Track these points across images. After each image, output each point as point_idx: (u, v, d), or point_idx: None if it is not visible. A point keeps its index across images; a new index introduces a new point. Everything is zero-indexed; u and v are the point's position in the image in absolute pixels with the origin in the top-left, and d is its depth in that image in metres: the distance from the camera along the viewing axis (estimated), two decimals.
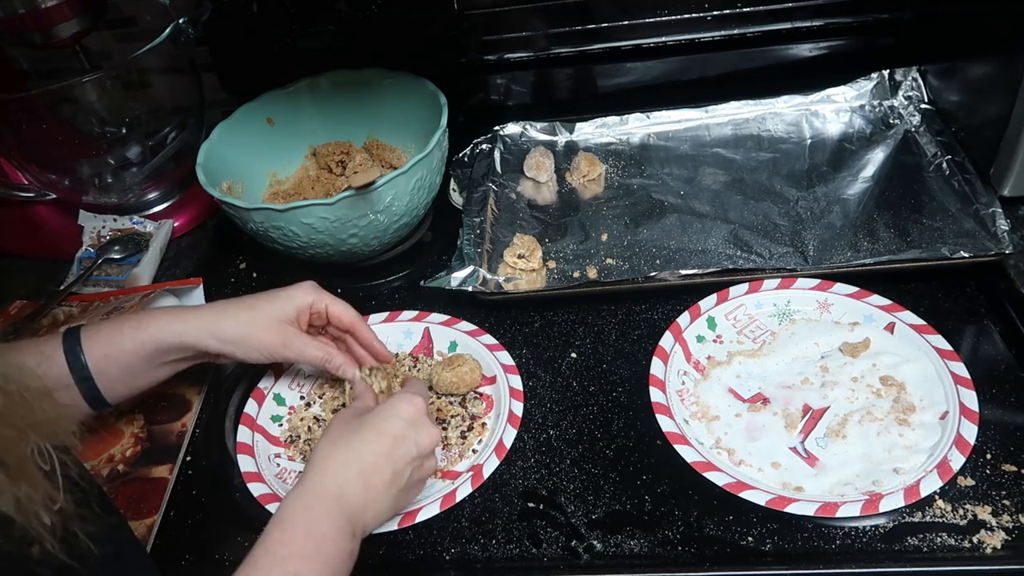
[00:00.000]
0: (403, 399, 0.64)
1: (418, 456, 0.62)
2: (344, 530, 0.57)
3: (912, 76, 0.98)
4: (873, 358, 0.74)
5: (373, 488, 0.59)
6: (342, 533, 0.57)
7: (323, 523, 0.56)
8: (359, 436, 0.61)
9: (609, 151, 1.02)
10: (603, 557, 0.64)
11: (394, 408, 0.63)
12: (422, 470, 0.64)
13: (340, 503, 0.58)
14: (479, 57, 1.07)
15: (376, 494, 0.59)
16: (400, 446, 0.61)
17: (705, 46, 1.04)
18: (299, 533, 0.55)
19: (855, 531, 0.62)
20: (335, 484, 0.58)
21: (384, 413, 0.63)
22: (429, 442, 0.63)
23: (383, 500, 0.60)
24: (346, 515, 0.57)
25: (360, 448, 0.60)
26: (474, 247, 0.88)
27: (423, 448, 0.63)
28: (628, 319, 0.82)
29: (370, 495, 0.59)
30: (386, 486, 0.60)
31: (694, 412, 0.72)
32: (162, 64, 0.98)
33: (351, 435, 0.61)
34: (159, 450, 0.77)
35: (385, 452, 0.60)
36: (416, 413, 0.63)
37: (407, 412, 0.63)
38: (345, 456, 0.60)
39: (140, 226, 1.00)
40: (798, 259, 0.82)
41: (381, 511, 0.61)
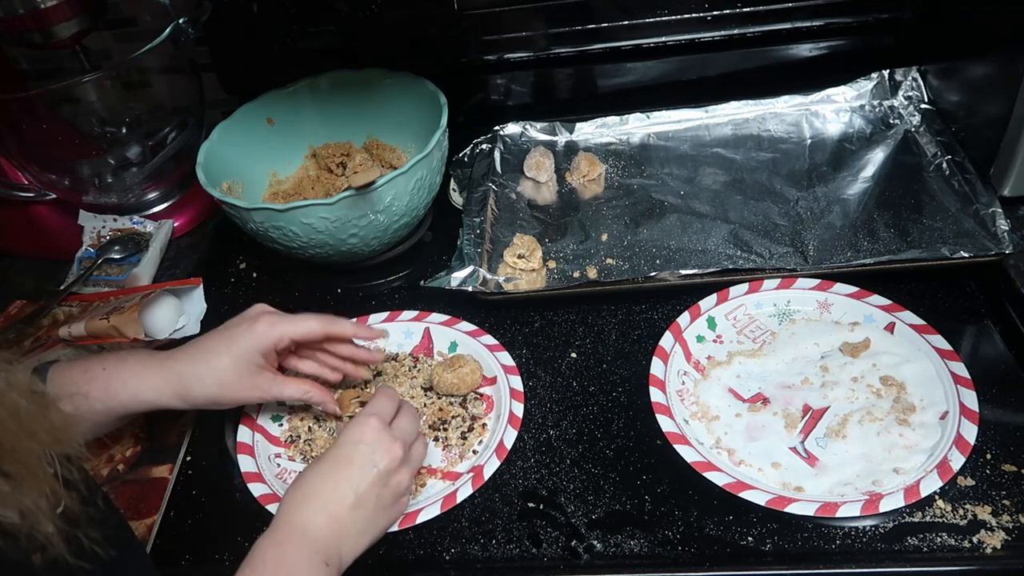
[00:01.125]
0: (356, 423, 0.64)
1: (381, 475, 0.62)
2: (314, 560, 0.57)
3: (912, 76, 0.98)
4: (873, 358, 0.74)
5: (338, 516, 0.60)
6: (312, 563, 0.57)
7: (292, 555, 0.57)
8: (318, 470, 0.62)
9: (609, 151, 1.02)
10: (603, 557, 0.64)
11: (348, 435, 0.64)
12: (391, 487, 0.63)
13: (306, 537, 0.58)
14: (479, 57, 1.07)
15: (343, 521, 0.60)
16: (357, 469, 0.62)
17: (705, 46, 1.04)
18: (268, 567, 0.57)
19: (855, 531, 0.62)
20: (299, 519, 0.59)
21: (339, 442, 0.64)
22: (389, 459, 0.62)
23: (353, 524, 0.61)
24: (315, 547, 0.58)
25: (318, 482, 0.61)
26: (474, 247, 0.88)
27: (383, 466, 0.62)
28: (628, 319, 0.82)
29: (337, 524, 0.60)
30: (351, 511, 0.60)
31: (694, 412, 0.72)
32: (162, 64, 0.98)
33: (312, 470, 0.62)
34: (159, 450, 0.77)
35: (343, 478, 0.61)
36: (371, 433, 0.63)
37: (360, 434, 0.63)
38: (304, 492, 0.61)
39: (140, 226, 1.00)
40: (798, 259, 0.82)
41: (354, 535, 0.61)
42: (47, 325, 0.89)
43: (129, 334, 0.79)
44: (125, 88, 0.99)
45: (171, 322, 0.86)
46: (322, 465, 0.62)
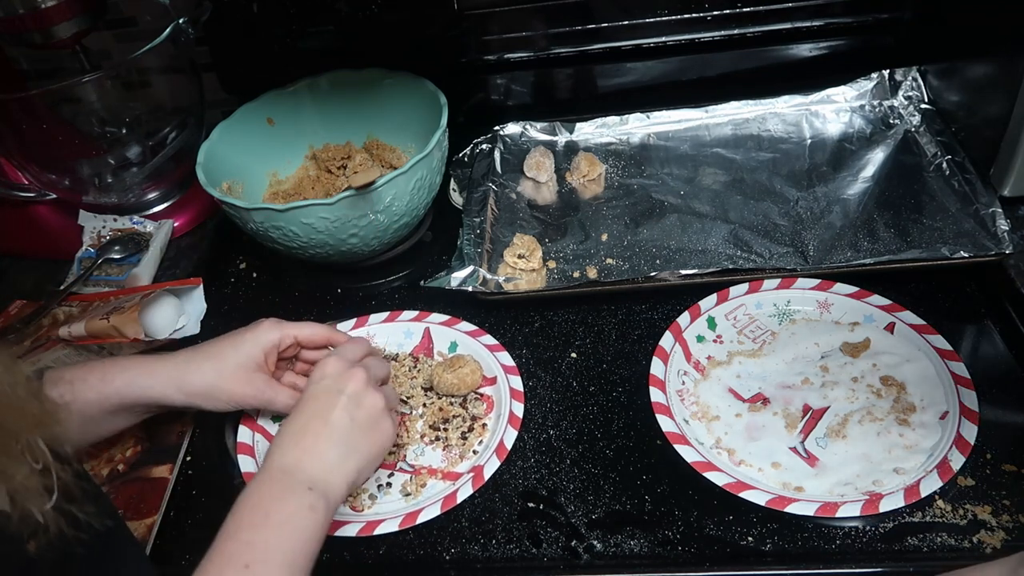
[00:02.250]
0: (320, 364, 0.66)
1: (349, 398, 0.63)
2: (295, 489, 0.58)
3: (912, 76, 0.98)
4: (873, 358, 0.74)
5: (311, 446, 0.61)
6: (291, 491, 0.58)
7: (266, 494, 0.58)
8: (288, 420, 0.63)
9: (609, 151, 1.02)
10: (603, 557, 0.64)
11: (311, 378, 0.65)
12: (364, 408, 0.64)
13: (282, 471, 0.59)
14: (479, 57, 1.07)
15: (318, 449, 0.61)
16: (324, 400, 0.63)
17: (705, 46, 1.04)
18: (246, 508, 0.57)
19: (855, 531, 0.62)
20: (275, 461, 0.60)
21: (307, 385, 0.65)
22: (353, 384, 0.64)
23: (330, 449, 0.61)
24: (294, 478, 0.59)
25: (289, 427, 0.62)
26: (474, 247, 0.88)
27: (349, 390, 0.63)
28: (628, 319, 0.82)
29: (311, 453, 0.60)
30: (325, 439, 0.61)
31: (694, 412, 0.72)
32: (162, 64, 0.98)
33: (284, 422, 0.64)
34: (159, 450, 0.77)
35: (311, 413, 0.63)
36: (331, 368, 0.65)
37: (321, 373, 0.65)
38: (278, 441, 0.62)
39: (140, 226, 1.00)
40: (798, 259, 0.82)
41: (336, 460, 0.61)
42: (47, 325, 0.89)
43: (129, 334, 0.79)
44: (125, 88, 0.99)
45: (171, 322, 0.85)
46: (292, 414, 0.64)
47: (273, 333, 0.71)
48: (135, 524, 0.71)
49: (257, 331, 0.71)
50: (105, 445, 0.77)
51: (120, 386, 0.68)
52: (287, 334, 0.72)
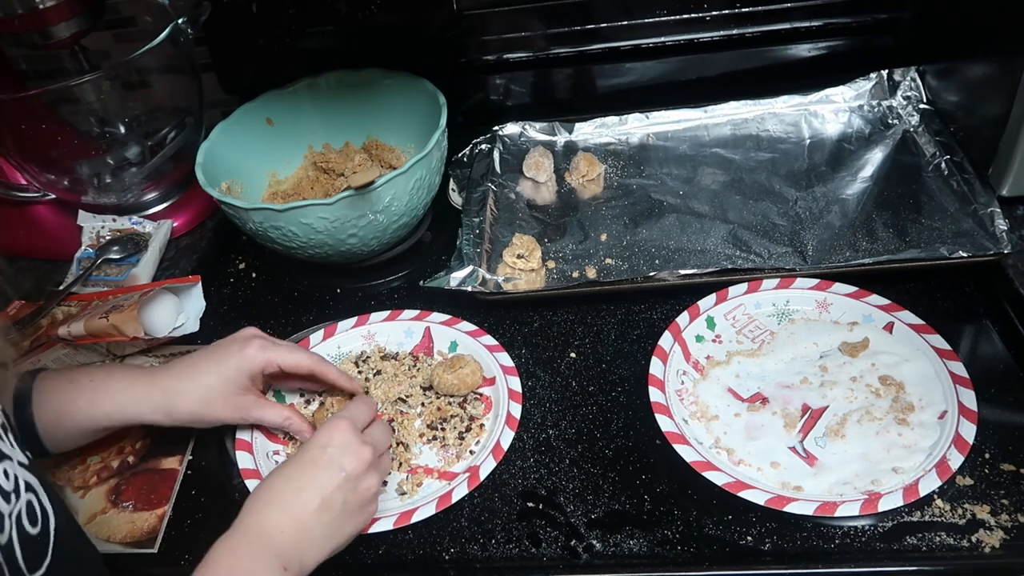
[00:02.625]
0: (326, 427, 0.63)
1: (348, 479, 0.60)
2: (270, 565, 0.56)
3: (911, 76, 0.98)
4: (872, 358, 0.74)
5: (301, 520, 0.58)
6: (268, 568, 0.56)
7: (245, 560, 0.56)
8: (283, 473, 0.61)
9: (608, 151, 1.02)
10: (602, 557, 0.64)
11: (316, 438, 0.62)
12: (358, 492, 0.61)
13: (265, 540, 0.57)
14: (478, 57, 1.07)
15: (306, 525, 0.58)
16: (323, 472, 0.60)
17: (704, 46, 1.04)
18: (221, 571, 0.55)
19: (854, 530, 0.62)
20: (258, 522, 0.58)
21: (306, 445, 0.62)
22: (357, 464, 0.61)
23: (317, 528, 0.59)
24: (273, 552, 0.56)
25: (282, 484, 0.60)
26: (473, 247, 0.88)
27: (351, 470, 0.61)
28: (627, 319, 0.82)
29: (299, 528, 0.58)
30: (316, 514, 0.59)
31: (693, 412, 0.73)
32: (161, 64, 0.98)
33: (277, 473, 0.61)
34: (169, 441, 0.78)
35: (309, 481, 0.60)
36: (341, 437, 0.62)
37: (329, 438, 0.62)
38: (268, 496, 0.59)
39: (139, 226, 1.00)
40: (797, 259, 0.82)
41: (317, 539, 0.59)
42: (46, 325, 0.89)
43: (128, 332, 0.79)
44: (124, 88, 0.99)
45: (170, 320, 0.86)
46: (288, 468, 0.61)
47: (257, 359, 0.70)
48: (146, 515, 0.72)
49: (242, 355, 0.70)
50: (115, 437, 0.78)
51: (110, 410, 0.69)
52: (271, 361, 0.71)
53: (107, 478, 0.76)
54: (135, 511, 0.72)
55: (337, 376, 0.74)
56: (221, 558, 0.56)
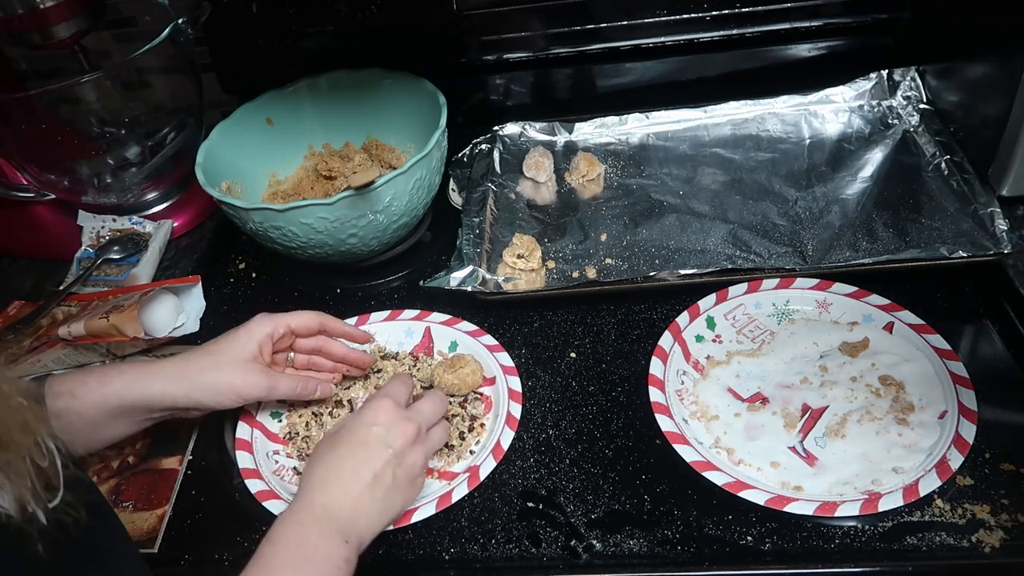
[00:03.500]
0: (370, 406, 0.66)
1: (395, 455, 0.63)
2: (334, 539, 0.59)
3: (911, 76, 0.98)
4: (872, 358, 0.74)
5: (357, 495, 0.61)
6: (332, 542, 0.58)
7: (312, 534, 0.58)
8: (335, 452, 0.63)
9: (608, 151, 1.02)
10: (602, 557, 0.64)
11: (362, 417, 0.65)
12: (405, 467, 0.64)
13: (328, 516, 0.60)
14: (478, 57, 1.07)
15: (362, 500, 0.61)
16: (373, 450, 0.63)
17: (704, 46, 1.04)
18: (289, 544, 0.58)
19: (854, 530, 0.62)
20: (320, 500, 0.61)
21: (353, 424, 0.65)
22: (402, 440, 0.64)
23: (371, 504, 0.62)
24: (335, 526, 0.59)
25: (337, 463, 0.62)
26: (473, 247, 0.88)
27: (398, 446, 0.64)
28: (627, 319, 0.82)
29: (357, 503, 0.61)
30: (369, 490, 0.62)
31: (693, 412, 0.73)
32: (161, 64, 0.98)
33: (329, 452, 0.63)
34: (169, 441, 0.78)
35: (361, 459, 0.62)
36: (385, 415, 0.65)
37: (374, 417, 0.65)
38: (325, 474, 0.62)
39: (139, 226, 1.00)
40: (797, 259, 0.82)
41: (373, 515, 0.62)
42: (47, 325, 0.89)
43: (129, 332, 0.79)
44: (124, 88, 0.99)
45: (170, 320, 0.86)
46: (339, 448, 0.63)
47: (266, 324, 0.72)
48: (146, 515, 0.72)
49: (249, 326, 0.73)
50: None
51: (119, 387, 0.68)
52: (280, 323, 0.73)
53: (107, 478, 0.76)
54: (135, 511, 0.72)
55: (346, 328, 0.77)
56: (289, 533, 0.58)
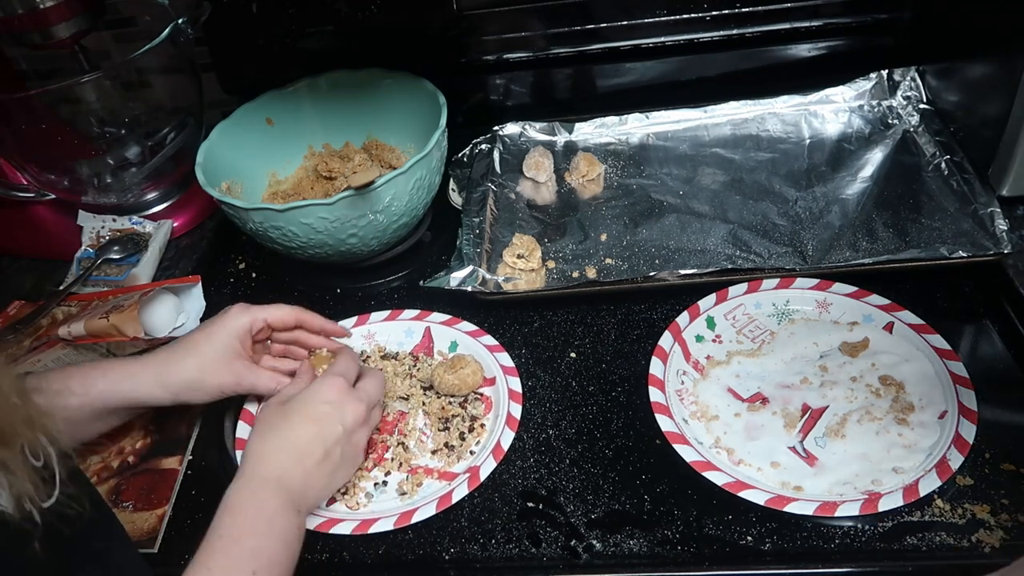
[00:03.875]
0: (323, 382, 0.67)
1: (345, 433, 0.65)
2: (289, 508, 0.60)
3: (911, 76, 0.98)
4: (872, 357, 0.74)
5: (308, 469, 0.63)
6: (287, 510, 0.60)
7: (270, 503, 0.60)
8: (288, 423, 0.64)
9: (608, 151, 1.02)
10: (602, 557, 0.64)
11: (317, 392, 0.66)
12: (351, 445, 0.66)
13: (281, 485, 0.61)
14: (478, 57, 1.07)
15: (312, 474, 0.63)
16: (326, 427, 0.65)
17: (704, 46, 1.04)
18: (249, 514, 0.58)
19: (854, 530, 0.62)
20: (274, 469, 0.62)
21: (308, 398, 0.66)
22: (353, 419, 0.66)
23: (319, 478, 0.64)
24: (289, 496, 0.61)
25: (290, 435, 0.64)
26: (473, 247, 0.88)
27: (348, 424, 0.66)
28: (627, 319, 0.82)
29: (308, 476, 0.63)
30: (319, 465, 0.64)
31: (693, 412, 0.73)
32: (161, 64, 0.98)
33: (281, 423, 0.65)
34: (168, 442, 0.78)
35: (314, 435, 0.64)
36: (338, 393, 0.66)
37: (329, 394, 0.66)
38: (279, 443, 0.63)
39: (139, 226, 1.00)
40: (797, 259, 0.82)
41: (320, 488, 0.64)
42: (46, 325, 0.89)
43: (129, 332, 0.79)
44: (124, 88, 0.99)
45: (170, 320, 0.86)
46: (291, 419, 0.65)
47: (243, 318, 0.73)
48: (146, 515, 0.72)
49: (227, 319, 0.72)
50: (115, 436, 0.78)
51: (102, 390, 0.69)
52: (257, 317, 0.73)
53: (107, 478, 0.76)
54: (135, 511, 0.72)
55: (323, 322, 0.77)
56: (247, 503, 0.59)
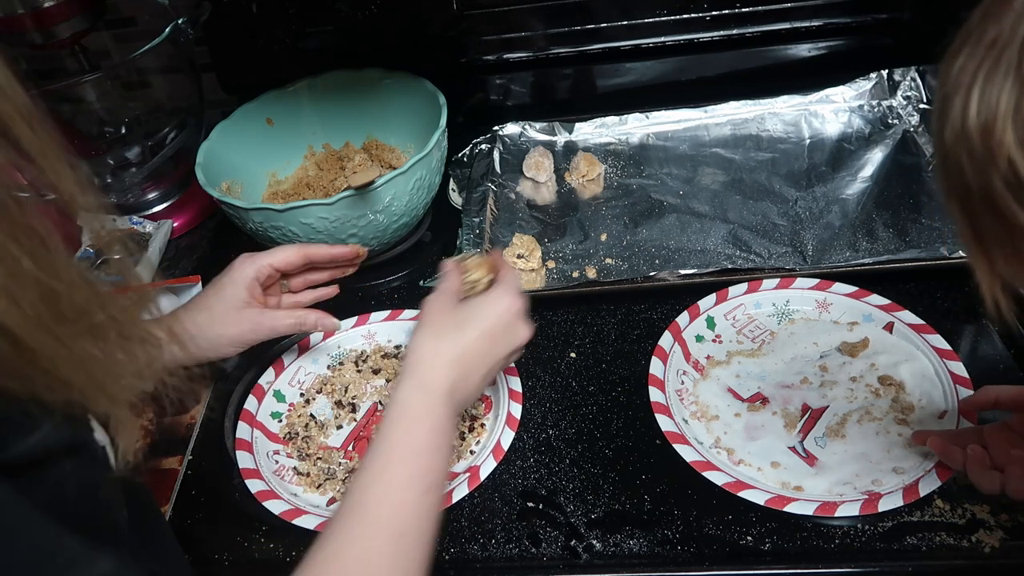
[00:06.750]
0: (504, 299, 0.64)
1: (510, 355, 0.64)
2: (455, 421, 0.59)
3: (911, 76, 0.98)
4: (872, 357, 0.74)
5: (473, 384, 0.61)
6: (454, 424, 0.59)
7: (444, 420, 0.58)
8: (462, 333, 0.61)
9: (608, 151, 1.02)
10: (602, 556, 0.64)
11: (496, 307, 0.63)
12: (508, 360, 0.65)
13: (452, 398, 0.59)
14: (479, 57, 1.07)
15: (472, 389, 0.62)
16: (499, 346, 0.63)
17: (704, 46, 1.04)
18: (424, 429, 0.56)
19: (854, 530, 0.62)
20: (446, 381, 0.59)
21: (487, 313, 0.63)
22: (520, 343, 0.64)
23: (474, 394, 0.62)
24: (456, 410, 0.60)
25: (466, 346, 0.61)
26: (473, 247, 0.88)
27: (514, 347, 0.64)
28: (627, 319, 0.82)
29: (470, 391, 0.61)
30: (482, 381, 0.62)
31: (693, 412, 0.73)
32: (161, 64, 0.98)
33: (455, 330, 0.61)
34: (168, 442, 0.78)
35: (486, 350, 0.62)
36: (515, 315, 0.64)
37: (508, 313, 0.63)
38: (454, 354, 0.60)
39: (139, 226, 1.00)
40: (797, 259, 0.82)
41: (472, 399, 0.63)
42: None
43: None
44: (124, 88, 0.99)
45: None
46: (466, 330, 0.61)
47: (247, 269, 0.72)
48: None
49: (232, 272, 0.73)
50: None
51: None
52: (262, 264, 0.73)
53: None
54: None
55: (332, 251, 0.77)
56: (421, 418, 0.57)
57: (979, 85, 0.38)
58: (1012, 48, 0.36)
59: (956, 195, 0.41)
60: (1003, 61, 0.37)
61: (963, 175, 0.39)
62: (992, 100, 0.37)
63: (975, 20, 0.40)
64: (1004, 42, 0.37)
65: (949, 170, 0.41)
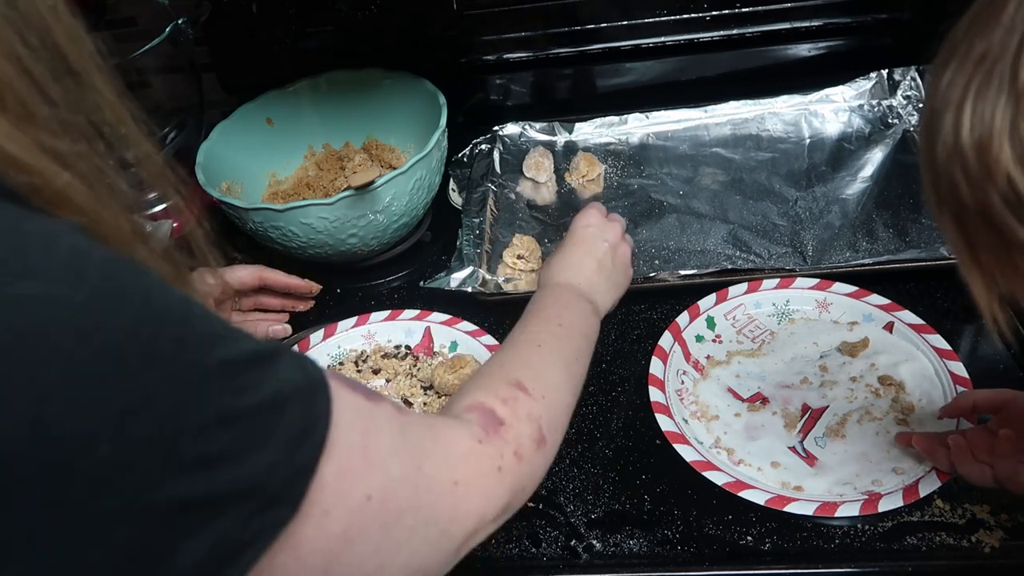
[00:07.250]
0: (583, 212, 0.75)
1: (610, 246, 0.73)
2: (582, 300, 0.68)
3: (911, 76, 0.98)
4: (872, 357, 0.74)
5: (588, 276, 0.71)
6: (581, 301, 0.68)
7: (566, 296, 0.68)
8: (562, 251, 0.73)
9: (608, 151, 1.02)
10: (602, 556, 0.64)
11: (578, 221, 0.75)
12: (619, 256, 0.74)
13: (571, 288, 0.69)
14: (478, 57, 1.07)
15: (592, 279, 0.71)
16: (594, 243, 0.73)
17: (704, 46, 1.04)
18: (549, 304, 0.67)
19: (854, 530, 0.62)
20: (562, 281, 0.70)
21: (572, 229, 0.75)
22: (613, 233, 0.74)
23: (600, 282, 0.72)
24: (580, 292, 0.69)
25: (566, 259, 0.72)
26: (473, 247, 0.88)
27: (611, 238, 0.74)
28: (627, 319, 0.82)
29: (589, 281, 0.71)
30: (596, 272, 0.72)
31: (693, 412, 0.73)
32: (161, 64, 0.98)
33: (557, 255, 0.73)
34: None
35: (585, 251, 0.73)
36: (596, 218, 0.75)
37: (587, 220, 0.75)
38: (559, 268, 0.72)
39: None
40: (797, 259, 0.82)
41: (603, 290, 0.72)
42: None
43: None
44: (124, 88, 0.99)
45: None
46: (564, 249, 0.73)
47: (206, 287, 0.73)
48: None
49: None
50: None
51: None
52: (215, 284, 0.76)
53: None
54: None
55: (287, 278, 0.82)
56: (546, 300, 0.67)
57: (971, 101, 0.37)
58: (1004, 63, 0.36)
59: (950, 211, 0.40)
60: (995, 76, 0.36)
61: (958, 192, 0.39)
62: (986, 116, 0.36)
63: (960, 33, 0.39)
64: (995, 56, 0.36)
65: (942, 186, 0.40)
